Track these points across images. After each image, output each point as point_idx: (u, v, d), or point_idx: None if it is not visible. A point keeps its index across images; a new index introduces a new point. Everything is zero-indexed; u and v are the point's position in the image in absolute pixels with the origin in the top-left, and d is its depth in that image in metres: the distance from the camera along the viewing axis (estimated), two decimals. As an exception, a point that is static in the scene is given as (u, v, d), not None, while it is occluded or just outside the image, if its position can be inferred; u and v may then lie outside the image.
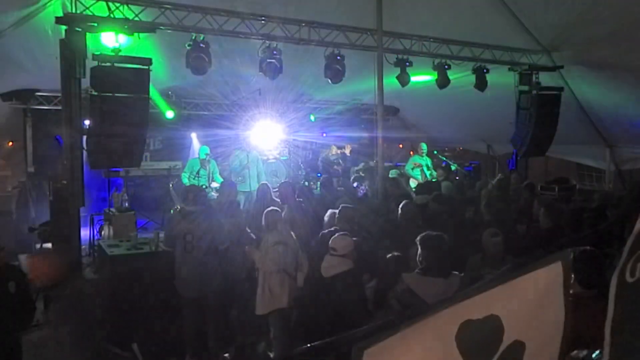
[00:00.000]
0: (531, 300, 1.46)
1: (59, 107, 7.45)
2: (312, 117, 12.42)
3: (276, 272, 5.11)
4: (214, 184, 9.26)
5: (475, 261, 4.70)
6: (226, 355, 5.87)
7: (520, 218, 6.84)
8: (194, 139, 11.24)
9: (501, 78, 9.04)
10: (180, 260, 5.60)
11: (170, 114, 10.80)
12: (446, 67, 8.57)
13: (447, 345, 1.31)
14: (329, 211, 6.25)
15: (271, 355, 5.29)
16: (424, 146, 11.27)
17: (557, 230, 5.37)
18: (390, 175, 10.03)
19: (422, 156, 11.18)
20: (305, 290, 5.10)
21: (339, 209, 5.78)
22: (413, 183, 10.54)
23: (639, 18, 6.83)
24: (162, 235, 6.16)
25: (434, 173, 10.92)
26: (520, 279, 1.44)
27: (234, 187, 7.37)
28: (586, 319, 2.10)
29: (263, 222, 5.39)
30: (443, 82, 8.65)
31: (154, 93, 9.74)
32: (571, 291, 1.54)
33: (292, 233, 5.42)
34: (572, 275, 1.52)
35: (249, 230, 5.99)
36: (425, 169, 11.00)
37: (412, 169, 11.09)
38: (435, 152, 11.38)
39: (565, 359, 1.56)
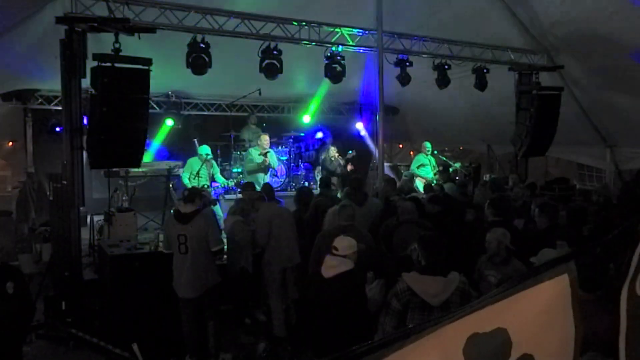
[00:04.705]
0: (539, 313, 1.44)
1: (59, 107, 7.46)
2: (309, 118, 12.33)
3: None
4: (215, 184, 9.25)
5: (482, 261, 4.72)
6: (226, 355, 5.86)
7: (518, 215, 6.84)
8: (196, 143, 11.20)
9: (501, 78, 9.04)
10: (176, 262, 5.60)
11: (169, 123, 10.98)
12: (446, 67, 8.57)
13: (455, 359, 1.30)
14: (330, 210, 6.25)
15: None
16: (428, 145, 11.01)
17: (554, 230, 5.36)
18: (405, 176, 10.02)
19: (427, 155, 10.99)
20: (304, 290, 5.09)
21: (339, 207, 5.77)
22: (420, 183, 10.41)
23: (639, 16, 6.83)
24: (162, 236, 6.15)
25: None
26: (527, 292, 1.41)
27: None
28: (591, 323, 2.09)
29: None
30: (443, 82, 8.66)
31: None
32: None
33: None
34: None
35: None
36: (430, 169, 10.86)
37: (418, 167, 10.92)
38: (435, 152, 11.29)
39: None
